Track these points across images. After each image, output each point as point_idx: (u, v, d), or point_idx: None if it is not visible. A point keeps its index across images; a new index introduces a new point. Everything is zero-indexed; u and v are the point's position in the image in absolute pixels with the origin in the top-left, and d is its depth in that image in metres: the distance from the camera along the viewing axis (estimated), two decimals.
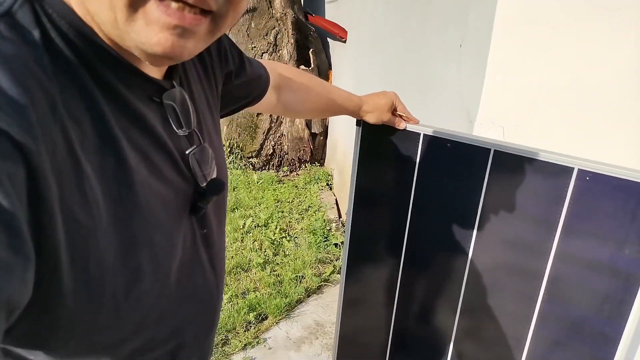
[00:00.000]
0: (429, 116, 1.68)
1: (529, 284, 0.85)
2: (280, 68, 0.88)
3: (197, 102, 0.55)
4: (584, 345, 0.81)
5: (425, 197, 1.00)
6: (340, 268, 2.79)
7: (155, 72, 0.47)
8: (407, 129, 1.00)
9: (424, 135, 0.97)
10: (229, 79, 0.68)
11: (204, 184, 0.53)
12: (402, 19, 2.36)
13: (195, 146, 0.52)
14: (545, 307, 0.84)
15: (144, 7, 0.36)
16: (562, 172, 0.78)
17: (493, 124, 1.36)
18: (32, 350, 0.41)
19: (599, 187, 0.75)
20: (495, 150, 0.87)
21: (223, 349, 2.07)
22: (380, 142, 1.06)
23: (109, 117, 0.41)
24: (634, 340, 0.73)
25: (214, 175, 0.55)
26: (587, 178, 0.75)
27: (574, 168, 0.77)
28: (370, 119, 1.00)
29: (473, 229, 0.93)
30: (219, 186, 0.53)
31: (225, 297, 2.43)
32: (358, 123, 1.09)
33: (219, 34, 0.42)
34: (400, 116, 1.05)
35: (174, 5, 0.36)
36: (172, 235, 0.49)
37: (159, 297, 0.48)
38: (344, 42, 3.85)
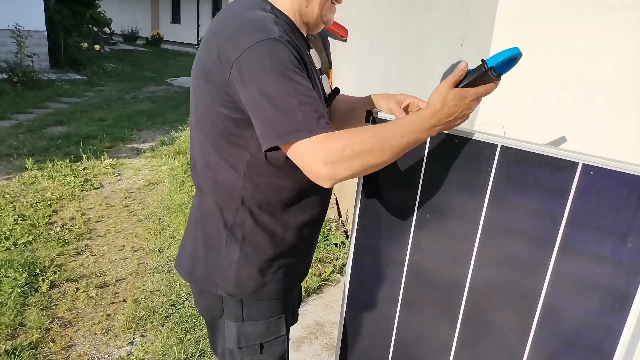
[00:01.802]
0: None
1: (534, 277, 0.86)
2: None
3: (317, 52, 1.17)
4: (586, 337, 0.82)
5: (432, 193, 1.01)
6: (340, 268, 2.79)
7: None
8: None
9: None
10: None
11: (328, 93, 1.11)
12: (402, 17, 2.36)
13: (321, 75, 1.08)
14: (549, 300, 0.85)
15: (330, 9, 1.04)
16: (566, 167, 0.79)
17: (494, 123, 1.36)
18: None
19: (603, 181, 0.75)
20: (502, 145, 0.88)
21: None
22: None
23: (303, 54, 0.95)
24: (636, 332, 0.74)
25: (329, 90, 1.13)
26: (591, 173, 0.76)
27: (578, 163, 0.78)
28: (381, 104, 1.15)
29: (479, 223, 0.93)
30: (332, 93, 1.14)
31: None
32: (367, 119, 1.09)
33: None
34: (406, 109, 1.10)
35: (336, 6, 1.06)
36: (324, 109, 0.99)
37: None
38: (345, 41, 3.85)
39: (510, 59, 0.85)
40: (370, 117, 1.11)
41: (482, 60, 0.84)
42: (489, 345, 0.97)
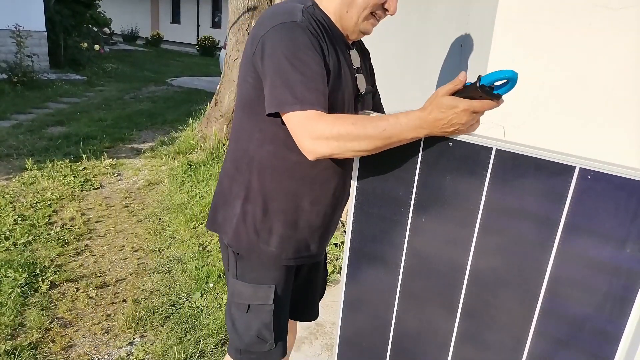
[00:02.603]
0: None
1: (531, 282, 0.86)
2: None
3: (360, 58, 1.22)
4: (585, 343, 0.81)
5: (426, 196, 1.00)
6: (340, 268, 2.79)
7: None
8: None
9: None
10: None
11: (360, 91, 1.16)
12: (403, 18, 2.36)
13: (357, 74, 1.16)
14: (547, 306, 0.84)
15: (368, 20, 1.10)
16: (563, 170, 0.78)
17: (494, 124, 1.36)
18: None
19: (601, 185, 0.75)
20: (497, 149, 0.87)
21: (223, 349, 2.07)
22: None
23: (338, 51, 1.07)
24: (635, 338, 0.74)
25: (364, 89, 1.18)
26: (589, 177, 0.76)
27: (575, 167, 0.77)
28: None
29: (475, 228, 0.93)
30: (366, 92, 1.18)
31: (225, 297, 2.43)
32: None
33: None
34: None
35: (376, 19, 1.11)
36: (347, 103, 1.10)
37: None
38: None
39: (506, 80, 0.85)
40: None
41: (479, 76, 0.85)
42: (489, 332, 0.97)
